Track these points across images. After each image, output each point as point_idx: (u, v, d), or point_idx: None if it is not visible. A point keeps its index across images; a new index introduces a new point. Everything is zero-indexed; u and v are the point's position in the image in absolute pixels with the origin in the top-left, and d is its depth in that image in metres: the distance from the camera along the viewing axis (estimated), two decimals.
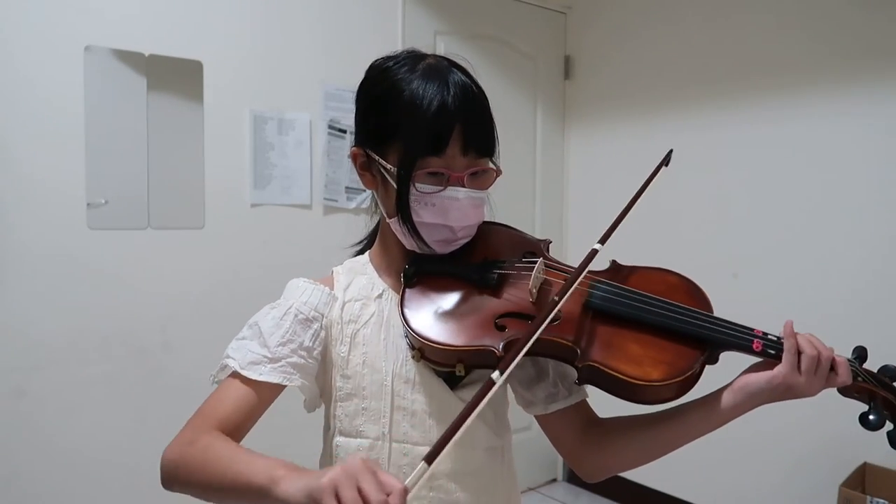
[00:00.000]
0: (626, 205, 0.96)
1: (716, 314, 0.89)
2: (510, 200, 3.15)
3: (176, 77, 2.21)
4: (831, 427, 2.27)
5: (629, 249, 2.94)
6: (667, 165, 1.04)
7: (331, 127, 2.54)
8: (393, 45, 2.64)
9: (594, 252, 0.88)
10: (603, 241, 0.90)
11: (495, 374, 0.70)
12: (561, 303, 0.81)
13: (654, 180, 1.00)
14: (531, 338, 0.76)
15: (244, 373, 0.89)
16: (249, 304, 1.04)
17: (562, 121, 3.35)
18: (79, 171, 2.04)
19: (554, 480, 3.34)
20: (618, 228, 0.93)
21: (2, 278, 1.93)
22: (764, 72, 2.58)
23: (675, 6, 2.87)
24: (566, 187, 3.38)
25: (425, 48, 0.98)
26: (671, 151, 1.05)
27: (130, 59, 2.12)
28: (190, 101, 2.25)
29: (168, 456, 0.85)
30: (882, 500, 2.07)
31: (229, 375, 0.91)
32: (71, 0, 2.02)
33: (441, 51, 2.81)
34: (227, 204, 2.33)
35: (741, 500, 2.68)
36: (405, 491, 0.63)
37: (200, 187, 2.28)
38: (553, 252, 1.01)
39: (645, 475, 2.96)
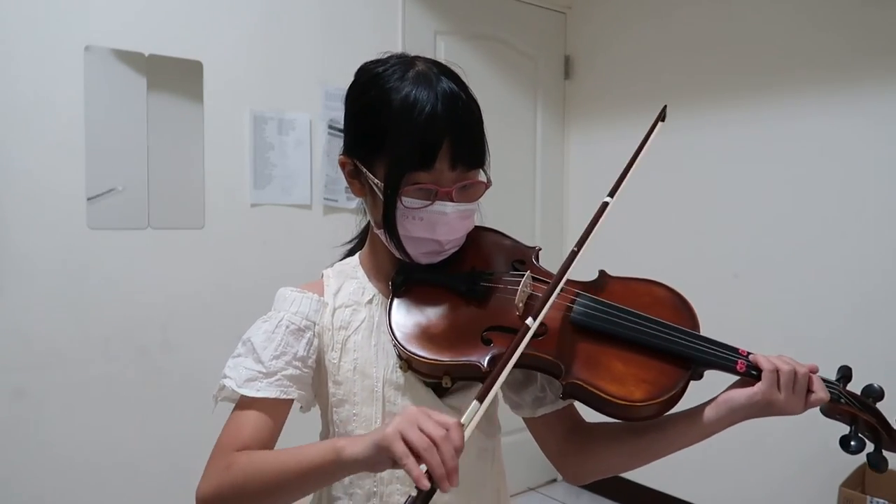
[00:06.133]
0: (629, 159, 0.96)
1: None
2: (510, 201, 3.17)
3: (176, 77, 2.21)
4: (832, 427, 2.28)
5: (630, 249, 2.93)
6: (663, 121, 1.03)
7: (331, 127, 2.54)
8: (393, 44, 2.64)
9: (605, 205, 0.91)
10: (612, 193, 0.92)
11: (529, 320, 0.79)
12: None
13: (651, 137, 1.01)
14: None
15: (241, 391, 0.88)
16: (249, 304, 1.04)
17: (562, 121, 3.35)
18: (79, 170, 2.04)
19: (554, 480, 3.34)
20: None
21: (2, 278, 1.93)
22: (765, 71, 2.57)
23: (675, 5, 2.87)
24: (566, 187, 3.38)
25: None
26: (665, 107, 1.05)
27: (130, 59, 2.12)
28: (190, 101, 2.25)
29: (206, 491, 0.83)
30: (882, 500, 2.07)
31: (237, 403, 0.91)
32: (71, 0, 2.02)
33: (441, 51, 2.81)
34: (227, 204, 2.33)
35: (741, 500, 2.68)
36: (460, 425, 0.71)
37: (200, 187, 2.28)
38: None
39: (645, 475, 2.96)
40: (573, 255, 0.87)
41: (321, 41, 2.52)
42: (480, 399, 0.73)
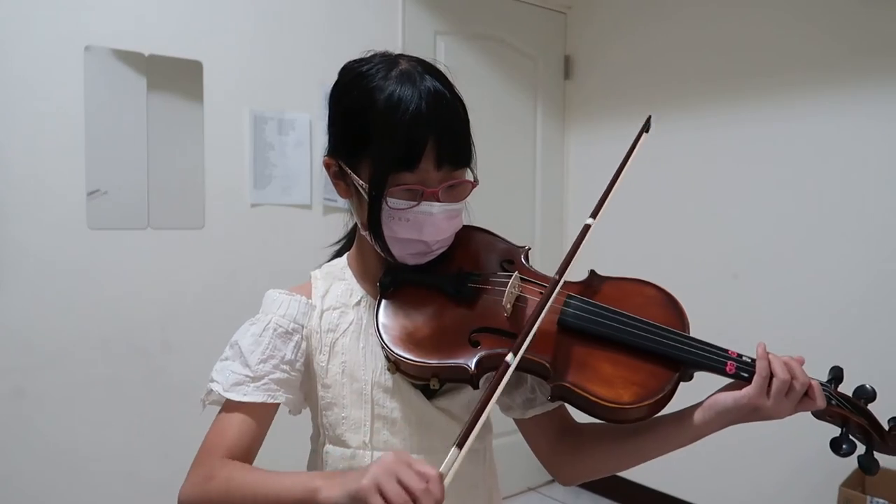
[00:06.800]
0: (612, 176, 0.95)
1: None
2: (510, 201, 3.17)
3: (176, 77, 2.21)
4: (831, 427, 2.28)
5: (628, 250, 2.92)
6: (647, 132, 1.02)
7: None
8: (393, 45, 2.64)
9: (587, 227, 0.89)
10: (594, 214, 0.90)
11: (509, 357, 0.77)
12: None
13: (637, 149, 0.99)
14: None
15: (228, 395, 0.88)
16: (249, 304, 1.04)
17: (562, 121, 3.35)
18: (79, 170, 2.04)
19: (553, 481, 3.34)
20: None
21: (2, 278, 1.93)
22: (764, 71, 2.57)
23: (676, 5, 2.87)
24: (566, 187, 3.37)
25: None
26: (650, 117, 1.03)
27: (130, 59, 2.12)
28: (190, 101, 2.25)
29: (187, 499, 0.84)
30: (882, 500, 2.07)
31: (223, 405, 0.91)
32: (71, 0, 2.02)
33: (441, 51, 2.81)
34: (227, 204, 2.33)
35: (741, 500, 2.68)
36: (441, 476, 0.68)
37: (200, 187, 2.28)
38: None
39: (645, 475, 2.96)
40: (555, 282, 0.85)
41: (321, 41, 2.52)
42: (460, 445, 0.70)
